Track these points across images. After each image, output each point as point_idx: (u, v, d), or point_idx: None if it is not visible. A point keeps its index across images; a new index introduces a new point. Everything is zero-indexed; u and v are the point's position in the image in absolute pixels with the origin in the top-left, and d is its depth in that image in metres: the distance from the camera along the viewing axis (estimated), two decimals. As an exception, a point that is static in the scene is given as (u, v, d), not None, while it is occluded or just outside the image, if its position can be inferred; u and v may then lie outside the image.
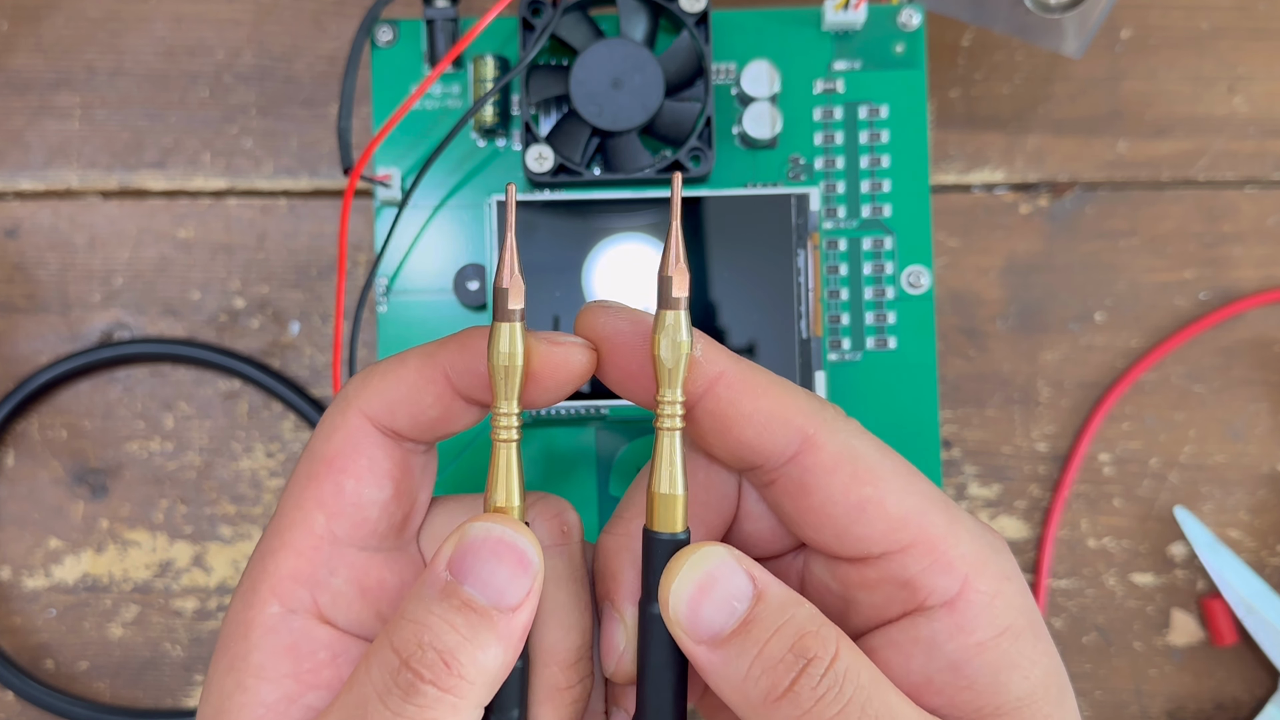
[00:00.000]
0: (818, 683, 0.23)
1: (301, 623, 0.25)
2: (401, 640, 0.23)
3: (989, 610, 0.24)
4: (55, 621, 0.43)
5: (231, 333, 0.43)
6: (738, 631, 0.23)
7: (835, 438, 0.25)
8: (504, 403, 0.24)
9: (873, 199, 0.38)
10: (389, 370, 0.25)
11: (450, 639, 0.23)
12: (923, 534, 0.24)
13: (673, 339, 0.24)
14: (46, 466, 0.43)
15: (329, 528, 0.25)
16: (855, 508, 0.24)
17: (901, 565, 0.24)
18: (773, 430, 0.25)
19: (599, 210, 0.37)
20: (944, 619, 0.24)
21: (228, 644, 0.25)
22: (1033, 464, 0.43)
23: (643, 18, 0.38)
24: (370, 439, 0.25)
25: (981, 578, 0.24)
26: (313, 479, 0.25)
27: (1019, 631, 0.24)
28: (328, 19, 0.44)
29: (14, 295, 0.44)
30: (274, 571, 0.25)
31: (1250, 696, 0.42)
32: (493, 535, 0.24)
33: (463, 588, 0.23)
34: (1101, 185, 0.43)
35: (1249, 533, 0.43)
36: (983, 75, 0.44)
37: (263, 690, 0.24)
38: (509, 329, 0.24)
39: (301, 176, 0.44)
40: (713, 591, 0.24)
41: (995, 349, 0.43)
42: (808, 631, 0.23)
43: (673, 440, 0.24)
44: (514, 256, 0.24)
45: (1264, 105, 0.43)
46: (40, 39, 0.44)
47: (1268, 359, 0.43)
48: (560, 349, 0.25)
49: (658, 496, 0.25)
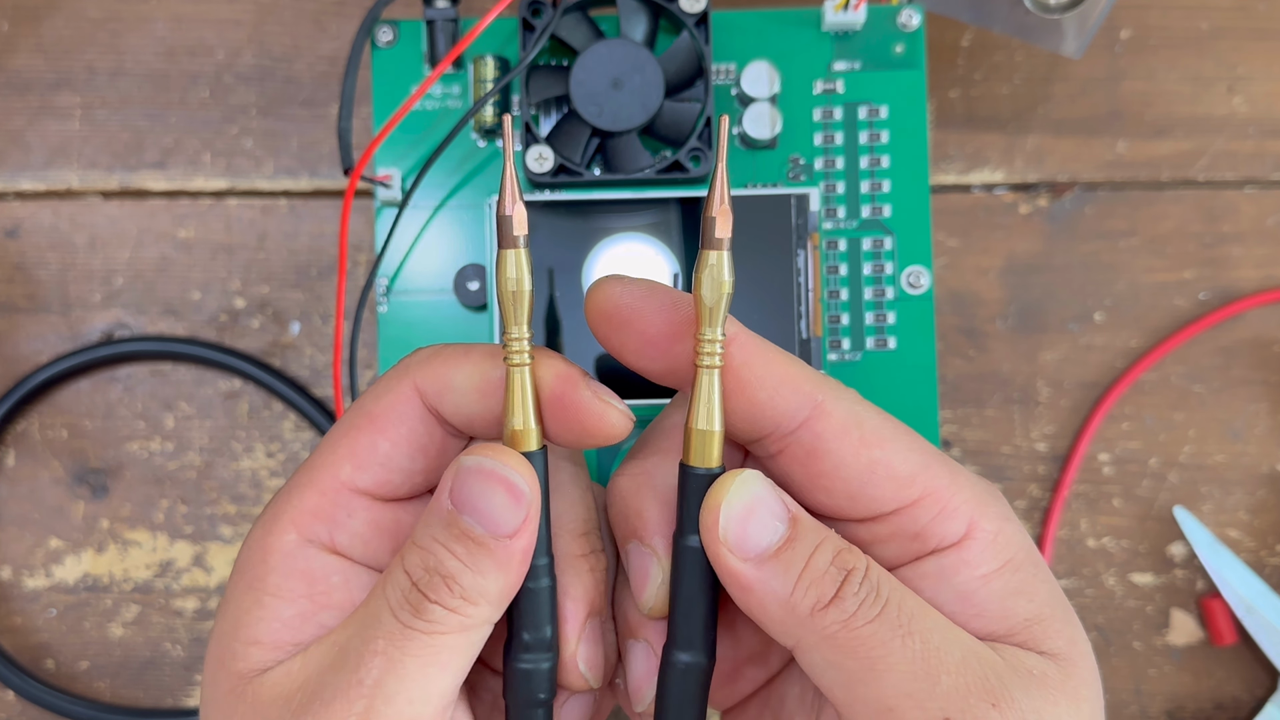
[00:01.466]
0: (859, 588, 0.24)
1: (316, 552, 0.26)
2: (411, 564, 0.25)
3: (993, 546, 0.26)
4: (56, 621, 0.43)
5: (232, 333, 0.43)
6: (783, 549, 0.25)
7: (841, 404, 0.26)
8: (514, 327, 0.25)
9: (872, 199, 0.38)
10: (452, 357, 0.27)
11: (452, 564, 0.24)
12: (929, 488, 0.26)
13: (715, 278, 0.25)
14: (47, 466, 0.43)
15: (353, 477, 0.26)
16: (866, 469, 0.25)
17: (911, 518, 0.26)
18: (784, 394, 0.25)
19: (599, 210, 0.37)
20: (951, 557, 0.26)
21: (245, 567, 0.26)
22: (1032, 464, 0.43)
23: (643, 18, 0.38)
24: (415, 411, 0.27)
25: (984, 519, 0.26)
26: (352, 428, 0.27)
27: (1019, 564, 0.26)
28: (328, 19, 0.44)
29: (14, 295, 0.44)
30: (296, 505, 0.26)
31: (1250, 696, 0.42)
32: (484, 468, 0.25)
33: (461, 517, 0.25)
34: (1101, 185, 0.43)
35: (1248, 533, 0.43)
36: (982, 75, 0.44)
37: (279, 607, 0.26)
38: (514, 255, 0.25)
39: (302, 177, 0.44)
40: (757, 512, 0.25)
41: (995, 349, 0.43)
42: (843, 548, 0.25)
43: (712, 378, 0.25)
44: (514, 184, 0.25)
45: (1264, 105, 0.43)
46: (41, 39, 0.44)
47: (1267, 359, 0.43)
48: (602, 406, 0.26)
49: (695, 432, 0.25)
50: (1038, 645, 0.25)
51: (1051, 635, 0.26)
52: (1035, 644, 0.25)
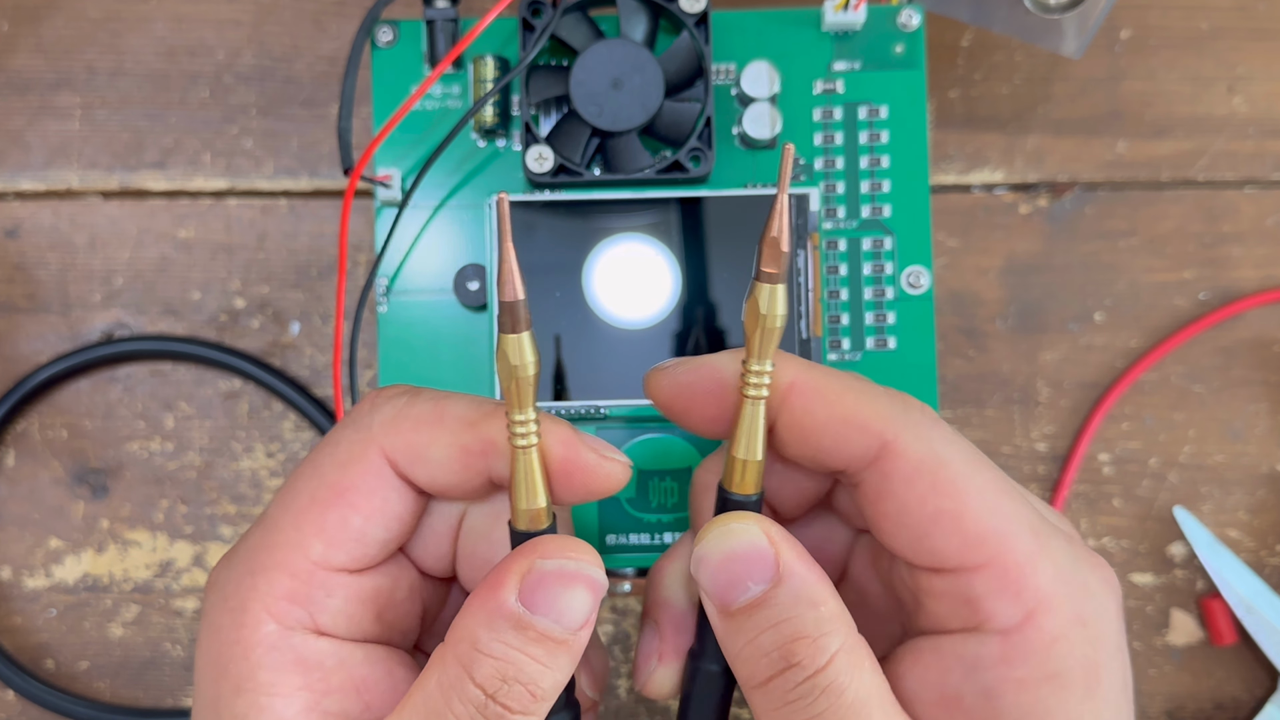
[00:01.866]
0: (792, 688, 0.23)
1: (301, 638, 0.25)
2: (485, 677, 0.23)
3: (1044, 651, 0.23)
4: (55, 621, 0.43)
5: (232, 333, 0.43)
6: (744, 610, 0.24)
7: (918, 444, 0.24)
8: (519, 412, 0.24)
9: (872, 199, 0.38)
10: (423, 423, 0.25)
11: (532, 669, 0.23)
12: (999, 556, 0.23)
13: (759, 311, 0.24)
14: (47, 466, 0.43)
15: (326, 555, 0.25)
16: (930, 519, 0.24)
17: (969, 583, 0.24)
18: (849, 437, 0.24)
19: (599, 210, 0.37)
20: (995, 645, 0.23)
21: (224, 665, 0.24)
22: (1032, 464, 0.43)
23: (643, 18, 0.38)
24: (388, 483, 0.25)
25: (1049, 616, 0.23)
26: (317, 503, 0.25)
27: (1069, 683, 0.23)
28: (328, 19, 0.44)
29: (14, 295, 0.44)
30: (266, 592, 0.24)
31: (1250, 696, 0.42)
32: (567, 571, 0.24)
33: (537, 619, 0.23)
34: (1101, 185, 0.43)
35: (1248, 533, 0.43)
36: (982, 76, 0.44)
37: (279, 706, 0.24)
38: (518, 340, 0.24)
39: (302, 177, 0.44)
40: (734, 564, 0.24)
41: (995, 349, 0.43)
42: (804, 637, 0.23)
43: (755, 409, 0.25)
44: (516, 268, 0.24)
45: (1264, 105, 0.43)
46: (41, 39, 0.44)
47: (1267, 359, 0.43)
48: (607, 464, 0.25)
49: (735, 460, 0.25)
50: None
51: None
52: None
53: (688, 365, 0.26)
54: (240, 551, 0.25)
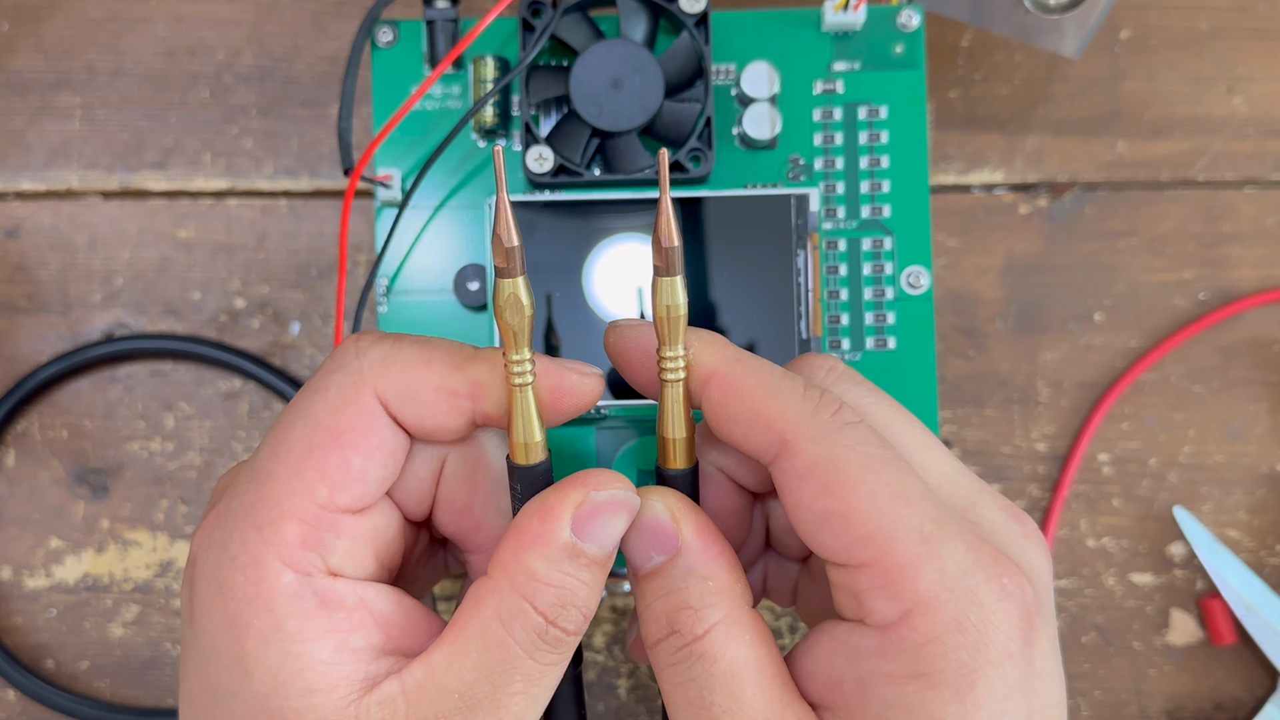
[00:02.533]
0: (673, 653, 0.25)
1: (319, 582, 0.25)
2: (546, 603, 0.25)
3: (915, 651, 0.24)
4: (56, 621, 0.43)
5: (232, 333, 0.43)
6: (646, 577, 0.26)
7: (814, 446, 0.25)
8: (515, 352, 0.26)
9: (872, 199, 0.38)
10: (412, 364, 0.26)
11: (585, 594, 0.25)
12: (881, 558, 0.24)
13: (660, 303, 0.26)
14: (47, 466, 0.43)
15: (331, 498, 0.25)
16: (820, 517, 0.25)
17: (854, 579, 0.25)
18: (754, 434, 0.26)
19: (599, 210, 0.37)
20: (872, 639, 0.24)
21: (248, 622, 0.25)
22: (1032, 464, 0.43)
23: (643, 18, 0.38)
24: (382, 423, 0.26)
25: (924, 618, 0.24)
26: (317, 448, 0.26)
27: (938, 683, 0.23)
28: (328, 19, 0.44)
29: (15, 295, 0.44)
30: (278, 542, 0.25)
31: (1249, 696, 0.42)
32: (616, 500, 0.25)
33: (588, 546, 0.25)
34: (1101, 185, 0.43)
35: (1248, 533, 0.43)
36: (982, 76, 0.44)
37: (313, 650, 0.25)
38: (513, 284, 0.26)
39: (302, 177, 0.44)
40: (641, 534, 0.26)
41: (994, 349, 0.43)
42: (687, 607, 0.25)
43: (674, 391, 0.27)
44: (510, 216, 0.25)
45: (1263, 105, 0.44)
46: (41, 39, 0.44)
47: (1267, 359, 0.43)
48: (586, 379, 0.27)
49: (664, 440, 0.27)
50: None
51: None
52: None
53: (633, 328, 0.28)
54: (236, 510, 0.26)
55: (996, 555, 0.24)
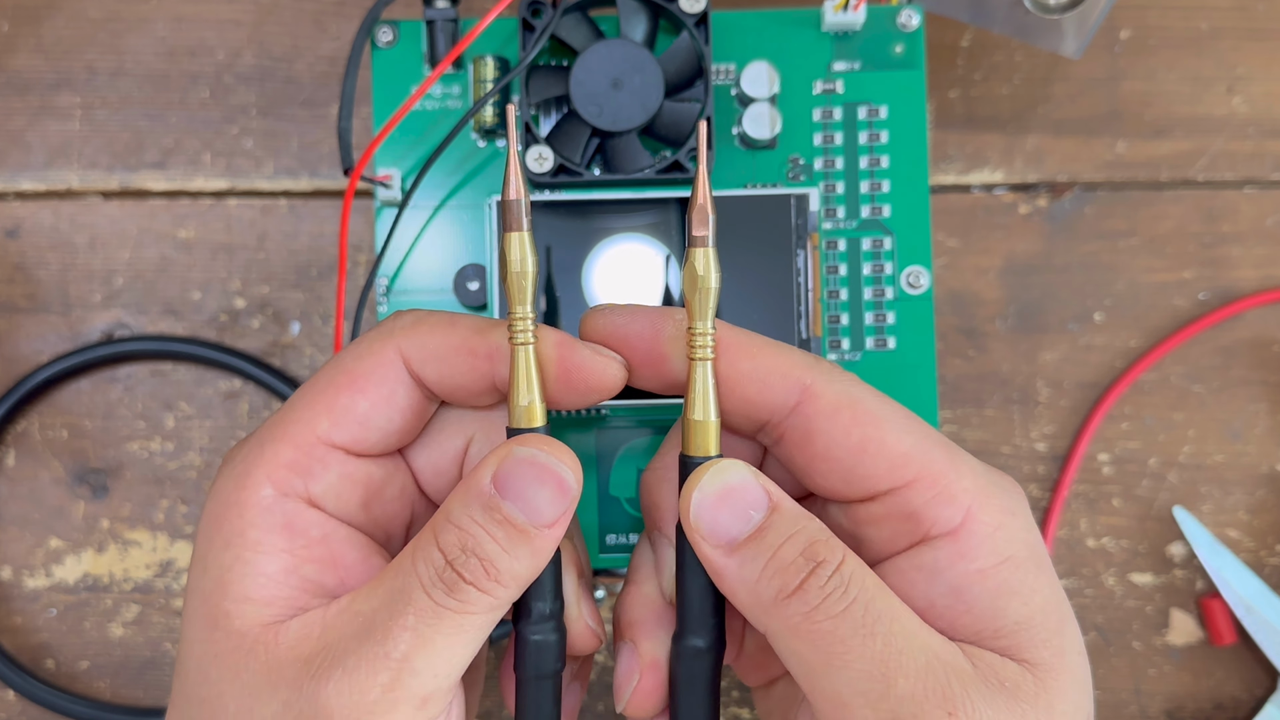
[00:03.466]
0: (825, 582, 0.24)
1: (294, 505, 0.26)
2: (447, 542, 0.25)
3: (990, 540, 0.25)
4: (56, 621, 0.43)
5: (232, 333, 0.43)
6: (753, 537, 0.25)
7: (832, 386, 0.26)
8: (519, 307, 0.26)
9: (872, 199, 0.38)
10: (438, 326, 0.27)
11: (490, 548, 0.25)
12: (926, 469, 0.26)
13: (696, 274, 0.26)
14: (47, 466, 0.43)
15: (329, 432, 0.27)
16: (857, 448, 0.26)
17: (906, 500, 0.26)
18: (772, 384, 0.26)
19: (599, 210, 0.37)
20: (946, 547, 0.25)
21: (219, 522, 0.26)
22: (1032, 464, 0.43)
23: (643, 18, 0.38)
24: (398, 375, 0.27)
25: (985, 510, 0.25)
26: (331, 385, 0.27)
27: (1019, 562, 0.25)
28: (328, 19, 0.44)
29: (15, 295, 0.44)
30: (270, 459, 0.26)
31: (1249, 696, 0.42)
32: (538, 460, 0.25)
33: (504, 503, 0.25)
34: (1101, 185, 0.43)
35: (1248, 533, 0.43)
36: (982, 76, 0.44)
37: (262, 562, 0.26)
38: (519, 238, 0.26)
39: (302, 177, 0.44)
40: (730, 500, 0.25)
41: (994, 349, 0.43)
42: (818, 540, 0.25)
43: (705, 369, 0.26)
44: (518, 170, 0.26)
45: (1263, 105, 0.44)
46: (41, 39, 0.44)
47: (1267, 359, 0.43)
48: (602, 360, 0.27)
49: (692, 423, 0.26)
50: (1020, 653, 0.25)
51: (1038, 644, 0.25)
52: (1018, 651, 0.25)
53: (625, 310, 0.28)
54: (257, 431, 0.28)
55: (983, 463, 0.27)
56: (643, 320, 0.27)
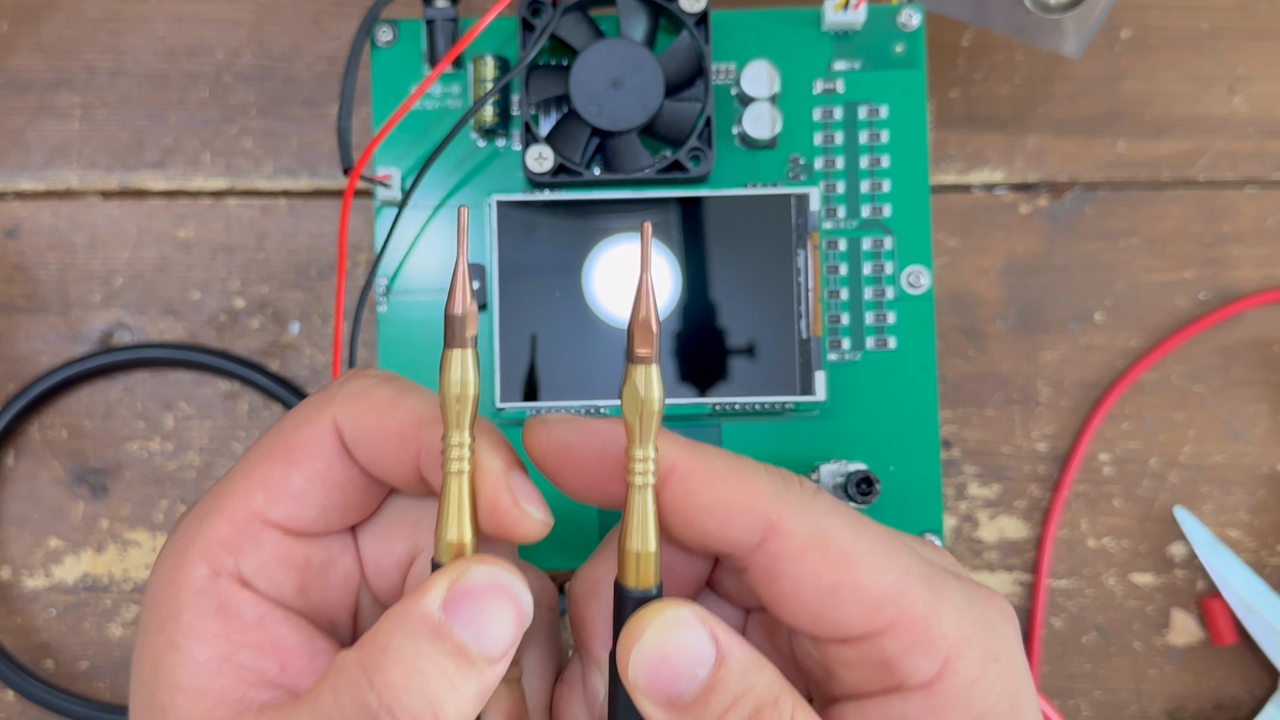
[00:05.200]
0: None
1: (228, 586, 0.25)
2: (385, 681, 0.22)
3: (967, 695, 0.23)
4: (55, 621, 0.43)
5: (231, 333, 0.43)
6: (698, 698, 0.23)
7: (802, 520, 0.24)
8: (455, 433, 0.23)
9: (872, 199, 0.38)
10: (378, 405, 0.25)
11: (438, 685, 0.22)
12: (902, 613, 0.23)
13: (636, 396, 0.23)
14: (47, 466, 0.43)
15: (264, 508, 0.25)
16: (828, 592, 0.23)
17: (880, 647, 0.23)
18: (734, 520, 0.24)
19: (599, 210, 0.37)
20: (919, 701, 0.23)
21: (158, 602, 0.25)
22: (1032, 464, 0.43)
23: (643, 18, 0.38)
24: (332, 449, 0.25)
25: (963, 660, 0.23)
26: (268, 457, 0.25)
27: (996, 718, 0.23)
28: (328, 19, 0.44)
29: (14, 295, 0.44)
30: (206, 535, 0.25)
31: (1250, 696, 0.42)
32: (500, 584, 0.23)
33: (455, 631, 0.22)
34: (1101, 185, 0.43)
35: (1249, 533, 0.43)
36: (982, 75, 0.44)
37: (194, 649, 0.24)
38: (460, 356, 0.24)
39: (301, 176, 0.44)
40: (674, 657, 0.23)
41: (995, 349, 0.43)
42: (765, 703, 0.23)
43: (645, 497, 0.24)
44: (466, 282, 0.24)
45: (1264, 105, 0.43)
46: (40, 39, 0.44)
47: (1268, 359, 0.43)
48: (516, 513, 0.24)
49: (629, 553, 0.24)
50: None
51: None
52: None
53: (571, 423, 0.25)
54: (203, 498, 0.26)
55: (974, 582, 0.25)
56: (590, 439, 0.25)
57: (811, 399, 0.37)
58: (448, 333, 0.24)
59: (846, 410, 0.38)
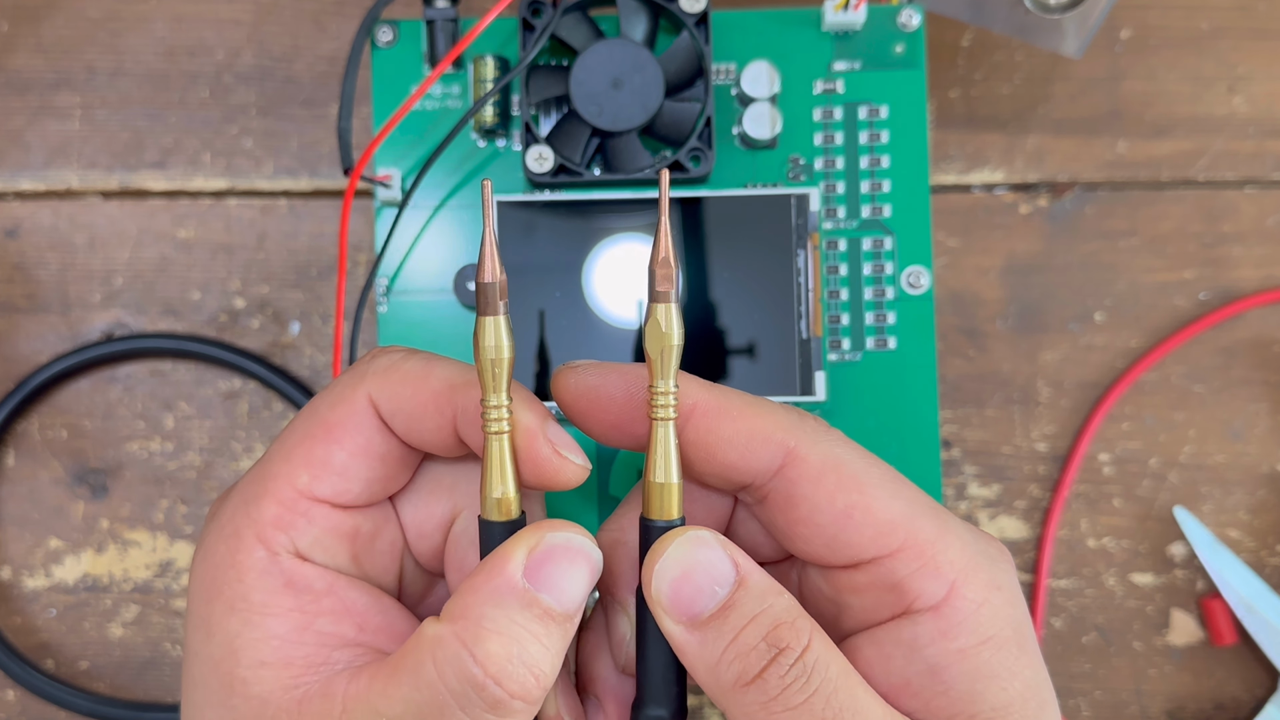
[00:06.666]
0: (786, 671, 0.23)
1: (289, 562, 0.26)
2: (487, 653, 0.23)
3: (974, 618, 0.24)
4: (55, 621, 0.43)
5: (232, 333, 0.43)
6: (716, 615, 0.24)
7: (817, 448, 0.25)
8: (493, 395, 0.25)
9: (872, 199, 0.38)
10: (410, 376, 0.26)
11: (536, 651, 0.23)
12: (912, 537, 0.25)
13: (658, 331, 0.25)
14: (47, 466, 0.43)
15: (310, 486, 0.26)
16: (842, 514, 0.25)
17: (890, 569, 0.25)
18: (754, 449, 0.25)
19: (599, 210, 0.37)
20: (928, 623, 0.24)
21: (219, 586, 0.25)
22: (1032, 464, 0.43)
23: (643, 18, 0.38)
24: (371, 423, 0.26)
25: (969, 585, 0.24)
26: (308, 438, 0.26)
27: (1002, 642, 0.24)
28: (328, 19, 0.44)
29: (14, 295, 0.44)
30: (257, 518, 0.26)
31: (1250, 696, 0.42)
32: (573, 545, 0.24)
33: (541, 596, 0.24)
34: (1101, 185, 0.43)
35: (1249, 533, 0.43)
36: (982, 75, 0.44)
37: (271, 624, 0.25)
38: (494, 323, 0.25)
39: (302, 177, 0.44)
40: (695, 574, 0.24)
41: (995, 349, 0.43)
42: (783, 621, 0.24)
43: (666, 430, 0.25)
44: (495, 251, 0.25)
45: (1264, 105, 0.43)
46: (40, 39, 0.44)
47: (1268, 359, 0.43)
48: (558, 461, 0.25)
49: (653, 485, 0.25)
50: None
51: None
52: None
53: (596, 368, 0.27)
54: (239, 485, 0.27)
55: (971, 525, 0.26)
56: (615, 381, 0.26)
57: (811, 399, 0.37)
58: (480, 301, 0.25)
59: (846, 410, 0.38)
